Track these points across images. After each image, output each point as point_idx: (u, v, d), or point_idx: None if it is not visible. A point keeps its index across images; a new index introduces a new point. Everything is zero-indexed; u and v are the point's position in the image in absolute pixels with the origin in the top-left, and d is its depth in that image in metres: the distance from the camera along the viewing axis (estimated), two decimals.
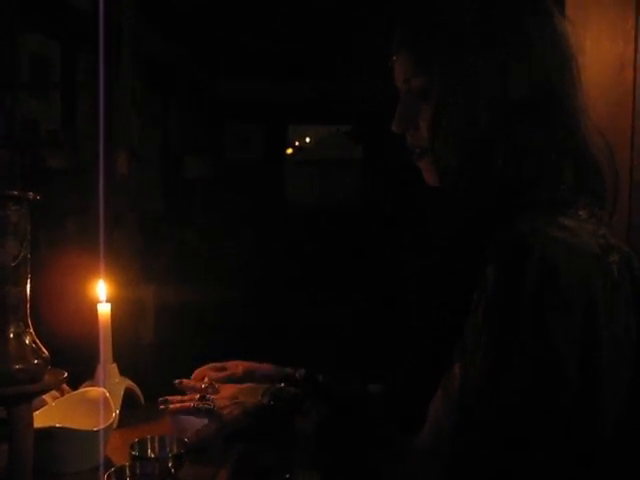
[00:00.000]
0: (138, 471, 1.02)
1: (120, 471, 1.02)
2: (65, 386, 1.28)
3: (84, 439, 1.14)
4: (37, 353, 0.97)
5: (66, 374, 1.01)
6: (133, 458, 1.09)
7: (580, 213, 0.91)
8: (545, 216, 0.88)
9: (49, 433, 1.10)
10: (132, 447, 1.12)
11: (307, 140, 8.94)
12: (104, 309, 1.35)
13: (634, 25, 1.88)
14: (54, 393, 1.27)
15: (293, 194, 7.82)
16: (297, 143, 8.82)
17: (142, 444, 1.14)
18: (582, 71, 0.98)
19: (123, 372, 1.42)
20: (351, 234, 6.13)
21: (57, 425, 1.13)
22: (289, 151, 8.40)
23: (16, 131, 3.58)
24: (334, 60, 5.89)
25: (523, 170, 0.91)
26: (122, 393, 1.36)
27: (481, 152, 0.92)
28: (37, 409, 1.17)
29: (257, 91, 7.27)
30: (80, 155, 4.01)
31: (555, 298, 0.80)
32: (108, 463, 1.17)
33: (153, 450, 1.14)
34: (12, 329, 0.95)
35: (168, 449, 1.14)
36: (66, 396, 1.26)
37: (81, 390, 1.27)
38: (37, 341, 0.98)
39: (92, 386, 1.32)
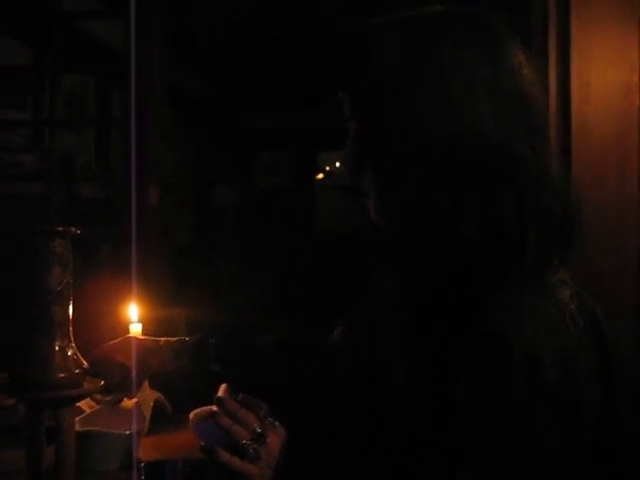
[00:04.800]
0: None
1: None
2: (100, 397, 1.44)
3: (117, 441, 1.30)
4: (78, 364, 1.14)
5: (102, 382, 1.17)
6: None
7: (549, 277, 0.87)
8: (518, 291, 0.84)
9: (88, 435, 1.27)
10: (139, 470, 1.15)
11: (337, 165, 9.10)
12: (136, 329, 1.52)
13: (639, 55, 2.03)
14: (90, 403, 1.43)
15: (323, 219, 7.83)
16: (327, 168, 8.98)
17: (150, 467, 1.17)
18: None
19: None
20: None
21: (94, 429, 1.29)
22: (320, 176, 8.54)
23: (53, 165, 3.77)
24: None
25: (462, 230, 0.85)
26: (151, 404, 1.52)
27: (401, 207, 0.92)
28: (76, 416, 1.33)
29: (286, 119, 7.40)
30: (113, 187, 4.22)
31: (543, 395, 0.79)
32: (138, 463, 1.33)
33: (162, 476, 1.17)
34: (57, 343, 1.12)
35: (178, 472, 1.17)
36: (101, 405, 1.42)
37: None
38: (78, 354, 1.15)
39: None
